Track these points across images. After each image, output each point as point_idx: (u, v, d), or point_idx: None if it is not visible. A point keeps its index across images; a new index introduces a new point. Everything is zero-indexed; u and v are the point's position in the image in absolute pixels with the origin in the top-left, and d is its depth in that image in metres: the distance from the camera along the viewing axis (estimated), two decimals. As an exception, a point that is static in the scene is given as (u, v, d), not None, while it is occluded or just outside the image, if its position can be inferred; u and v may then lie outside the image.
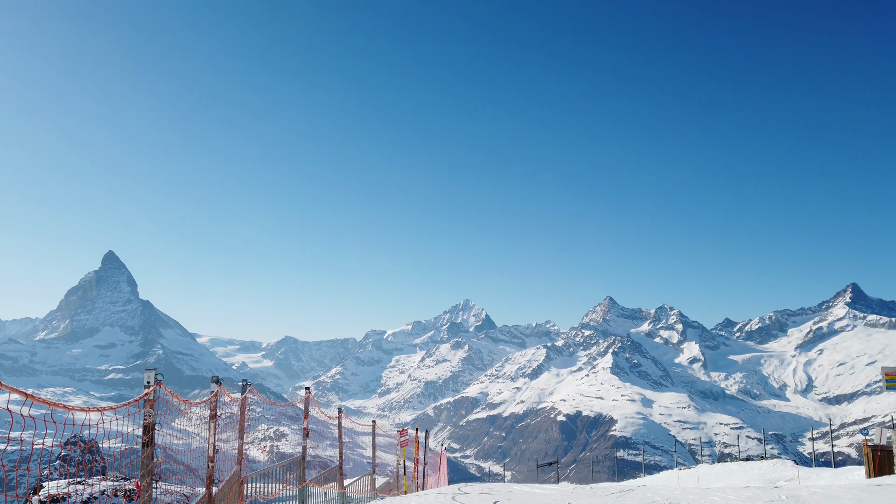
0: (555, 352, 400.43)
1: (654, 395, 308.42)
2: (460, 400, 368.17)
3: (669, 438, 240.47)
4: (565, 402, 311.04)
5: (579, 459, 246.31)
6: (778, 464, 45.76)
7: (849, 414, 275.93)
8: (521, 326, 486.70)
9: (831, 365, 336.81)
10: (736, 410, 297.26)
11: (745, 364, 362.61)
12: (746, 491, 13.80)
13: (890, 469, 30.20)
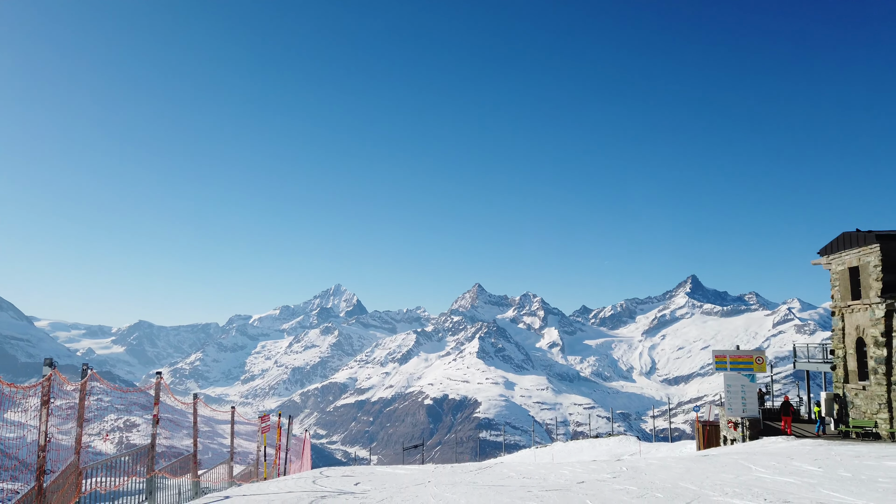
0: (424, 337, 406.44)
1: (516, 378, 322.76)
2: (328, 386, 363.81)
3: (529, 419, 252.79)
4: (433, 386, 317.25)
5: (445, 441, 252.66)
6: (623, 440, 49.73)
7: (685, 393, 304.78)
8: (393, 312, 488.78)
9: (672, 349, 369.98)
10: (589, 391, 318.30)
11: (599, 348, 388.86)
12: (593, 464, 14.87)
13: (717, 441, 33.80)
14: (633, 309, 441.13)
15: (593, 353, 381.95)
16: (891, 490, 10.10)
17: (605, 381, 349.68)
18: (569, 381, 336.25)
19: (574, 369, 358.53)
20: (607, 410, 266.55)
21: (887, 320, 24.69)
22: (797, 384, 43.86)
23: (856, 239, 26.46)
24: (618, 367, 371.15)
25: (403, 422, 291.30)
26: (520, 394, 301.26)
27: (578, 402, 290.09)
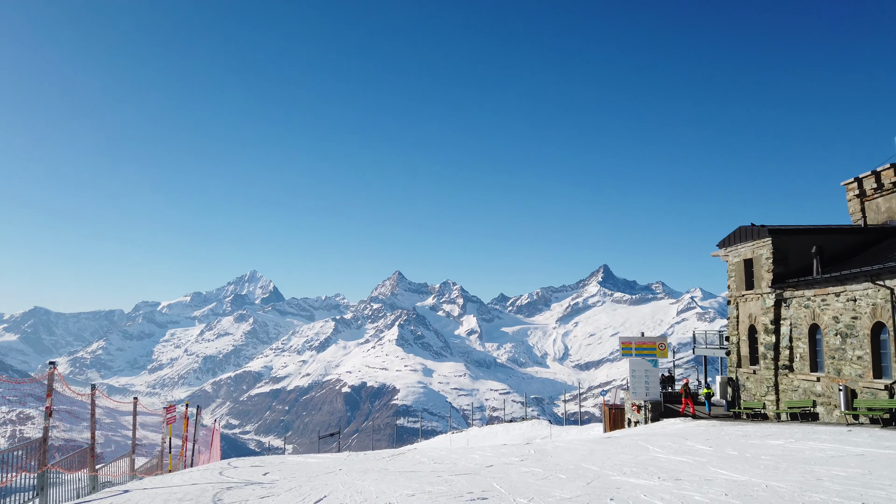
0: (343, 325, 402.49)
1: (434, 365, 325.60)
2: (242, 374, 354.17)
3: (446, 405, 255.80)
4: (351, 373, 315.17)
5: (362, 429, 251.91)
6: (536, 424, 51.25)
7: (596, 378, 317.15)
8: (311, 299, 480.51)
9: (584, 336, 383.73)
10: (505, 377, 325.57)
11: (515, 335, 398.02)
12: (503, 448, 15.28)
13: (622, 424, 35.44)
14: (548, 297, 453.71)
15: (510, 340, 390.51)
16: (770, 466, 10.95)
17: (520, 367, 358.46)
18: (486, 368, 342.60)
19: (491, 356, 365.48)
20: (522, 395, 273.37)
21: (776, 309, 26.60)
22: (697, 369, 46.52)
23: (750, 233, 28.29)
24: (533, 353, 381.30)
25: (320, 410, 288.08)
26: (438, 380, 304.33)
27: (495, 388, 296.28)
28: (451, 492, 8.76)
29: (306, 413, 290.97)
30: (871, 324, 20.89)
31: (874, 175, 27.97)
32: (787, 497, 8.33)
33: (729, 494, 8.50)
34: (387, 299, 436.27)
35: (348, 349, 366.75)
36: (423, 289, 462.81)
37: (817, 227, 27.16)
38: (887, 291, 19.94)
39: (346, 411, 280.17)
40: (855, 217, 29.68)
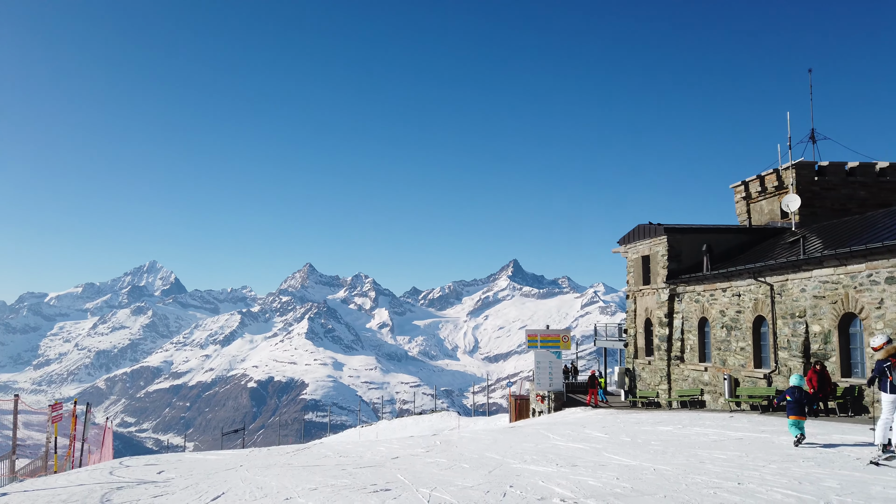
0: (250, 318, 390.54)
1: (345, 359, 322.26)
2: (140, 370, 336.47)
3: (356, 399, 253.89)
4: (258, 368, 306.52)
5: (268, 425, 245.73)
6: (445, 415, 51.79)
7: (504, 370, 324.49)
8: (216, 291, 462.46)
9: (494, 329, 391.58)
10: (416, 370, 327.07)
11: (427, 328, 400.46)
12: (410, 440, 15.39)
13: (527, 414, 36.48)
14: (460, 290, 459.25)
15: (422, 333, 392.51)
16: (660, 451, 11.63)
17: (431, 359, 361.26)
18: (397, 361, 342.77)
19: (403, 349, 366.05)
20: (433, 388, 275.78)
21: (670, 303, 28.20)
22: (598, 360, 48.53)
23: (648, 231, 29.81)
24: (444, 346, 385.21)
25: (224, 406, 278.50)
26: (348, 374, 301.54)
27: (405, 381, 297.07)
28: (355, 484, 8.74)
29: (209, 409, 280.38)
30: (753, 317, 22.55)
31: (759, 179, 30.14)
32: (672, 479, 8.88)
33: (620, 478, 8.96)
34: (296, 292, 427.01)
35: (255, 343, 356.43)
36: (335, 281, 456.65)
37: (708, 226, 28.97)
38: (768, 287, 21.57)
39: (252, 407, 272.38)
40: (741, 218, 31.88)
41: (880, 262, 16.76)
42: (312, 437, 74.84)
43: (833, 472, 9.15)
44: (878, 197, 27.83)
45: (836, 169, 27.83)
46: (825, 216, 26.81)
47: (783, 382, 20.58)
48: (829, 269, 18.69)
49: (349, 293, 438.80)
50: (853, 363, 18.24)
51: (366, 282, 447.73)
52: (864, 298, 17.31)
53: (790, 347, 20.26)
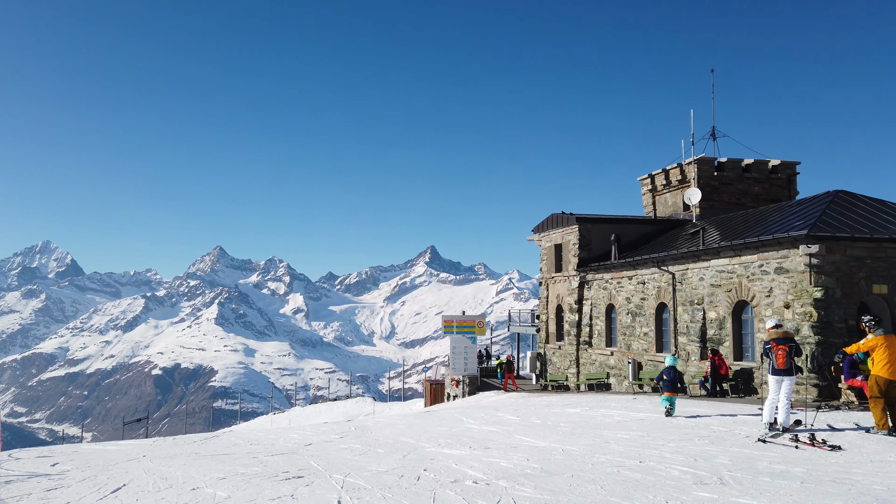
0: (155, 302, 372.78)
1: (257, 345, 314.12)
2: (31, 357, 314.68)
3: (269, 385, 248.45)
4: (163, 354, 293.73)
5: (175, 413, 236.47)
6: (360, 401, 51.55)
7: (420, 355, 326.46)
8: (117, 274, 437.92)
9: (410, 314, 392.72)
10: (331, 356, 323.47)
11: (343, 314, 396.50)
12: (324, 426, 15.23)
13: (442, 398, 36.90)
14: (377, 276, 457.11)
15: (337, 319, 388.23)
16: (568, 432, 12.07)
17: (347, 345, 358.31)
18: (312, 347, 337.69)
19: (318, 335, 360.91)
20: (348, 374, 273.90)
21: (580, 290, 29.22)
22: (511, 345, 49.69)
23: (561, 220, 30.70)
24: (360, 331, 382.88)
25: (126, 394, 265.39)
26: (260, 360, 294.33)
27: (320, 367, 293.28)
28: (266, 472, 8.56)
29: (109, 398, 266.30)
30: (656, 304, 23.74)
31: (664, 173, 31.63)
32: (578, 459, 9.25)
33: (530, 459, 9.24)
34: (206, 276, 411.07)
35: (160, 328, 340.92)
36: (247, 266, 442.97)
37: (617, 217, 30.16)
38: (670, 276, 22.75)
39: (157, 395, 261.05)
40: (648, 209, 33.39)
41: (770, 253, 18.02)
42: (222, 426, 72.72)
43: (725, 449, 9.81)
44: (770, 192, 29.87)
45: (734, 165, 29.61)
46: (723, 209, 28.51)
47: (682, 366, 21.82)
48: (726, 259, 19.92)
49: (262, 278, 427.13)
50: (745, 348, 19.58)
51: (280, 266, 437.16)
52: (755, 287, 18.57)
53: (689, 333, 21.49)
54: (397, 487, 7.46)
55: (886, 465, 8.44)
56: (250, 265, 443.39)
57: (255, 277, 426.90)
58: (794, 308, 16.99)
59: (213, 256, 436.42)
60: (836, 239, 16.61)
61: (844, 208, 18.93)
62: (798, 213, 19.81)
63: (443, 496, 6.99)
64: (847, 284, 16.69)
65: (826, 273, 16.53)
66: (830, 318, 16.33)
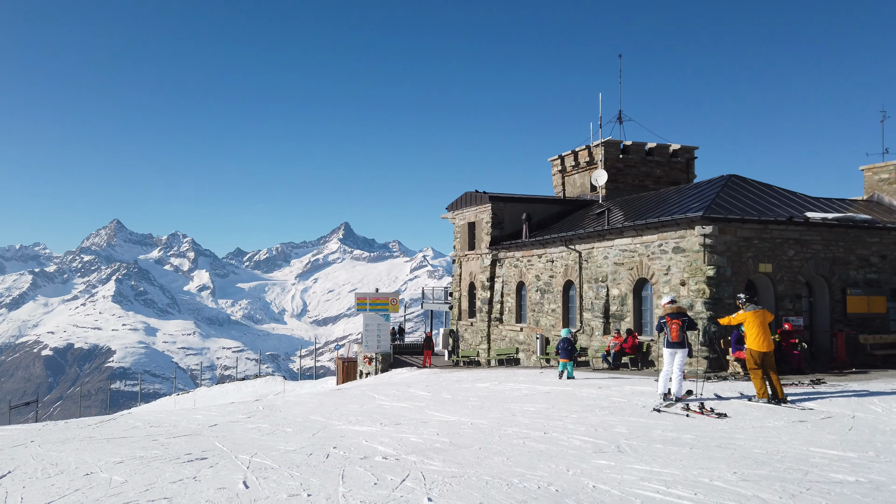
0: (44, 278, 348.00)
1: (159, 324, 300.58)
2: None
3: (172, 366, 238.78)
4: (54, 334, 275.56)
5: (67, 396, 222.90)
6: (270, 380, 50.47)
7: (333, 333, 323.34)
8: (2, 248, 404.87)
9: (323, 292, 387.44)
10: (239, 335, 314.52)
11: (252, 291, 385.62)
12: (230, 407, 14.82)
13: (354, 376, 36.76)
14: (288, 253, 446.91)
15: (246, 297, 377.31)
16: (477, 406, 12.34)
17: (256, 324, 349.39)
18: (218, 325, 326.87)
19: (225, 313, 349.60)
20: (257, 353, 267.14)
21: (492, 268, 29.76)
22: (425, 322, 50.08)
23: (474, 199, 31.04)
24: (270, 309, 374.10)
25: (13, 377, 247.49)
26: (163, 340, 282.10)
27: (227, 346, 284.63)
28: (167, 455, 8.23)
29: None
30: (564, 282, 24.55)
31: (573, 154, 32.55)
32: (486, 431, 9.48)
33: (440, 433, 9.38)
34: (102, 251, 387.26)
35: (51, 306, 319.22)
36: (148, 240, 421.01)
37: (528, 196, 30.82)
38: (577, 254, 23.55)
39: (48, 377, 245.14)
40: (557, 189, 34.32)
41: (669, 233, 19.01)
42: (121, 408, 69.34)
43: (623, 419, 10.35)
44: (671, 175, 31.42)
45: (638, 148, 30.89)
46: (627, 191, 29.74)
47: (586, 340, 22.76)
48: (628, 238, 20.83)
49: (164, 253, 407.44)
50: (644, 323, 20.65)
51: (184, 241, 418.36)
52: (654, 265, 19.57)
53: (593, 309, 22.40)
54: (305, 466, 7.38)
55: (765, 430, 9.18)
56: (151, 240, 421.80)
57: (157, 253, 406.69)
58: (689, 285, 18.04)
59: (109, 230, 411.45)
60: (728, 221, 17.72)
61: (736, 192, 20.21)
62: (695, 195, 20.96)
63: (352, 473, 6.98)
64: (737, 263, 17.88)
65: (718, 252, 17.63)
66: (721, 295, 17.47)
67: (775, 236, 18.35)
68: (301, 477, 6.83)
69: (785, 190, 21.43)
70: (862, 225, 19.05)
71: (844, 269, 19.12)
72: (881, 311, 19.41)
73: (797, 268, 18.58)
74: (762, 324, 11.36)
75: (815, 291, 19.26)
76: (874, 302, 19.29)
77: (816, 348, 18.82)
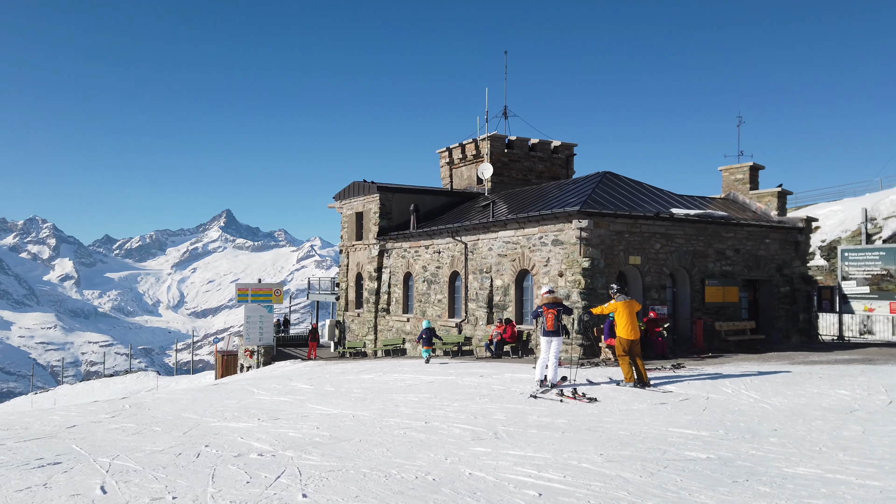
0: None
1: (14, 317, 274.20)
2: None
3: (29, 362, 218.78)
4: None
5: None
6: (142, 376, 47.51)
7: (213, 325, 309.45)
8: None
9: (203, 282, 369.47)
10: (108, 328, 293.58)
11: (123, 281, 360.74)
12: (92, 406, 13.75)
13: (234, 370, 35.37)
14: (164, 241, 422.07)
15: (116, 287, 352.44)
16: (360, 398, 12.25)
17: (127, 316, 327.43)
18: (84, 318, 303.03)
19: (91, 304, 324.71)
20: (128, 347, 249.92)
21: (380, 258, 29.63)
22: (311, 313, 49.11)
23: (362, 188, 30.72)
24: (143, 300, 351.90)
25: None
26: (18, 334, 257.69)
27: (94, 340, 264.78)
28: (14, 461, 7.49)
29: None
30: (450, 273, 24.90)
31: (461, 147, 33.03)
32: (368, 423, 9.43)
33: (320, 427, 9.21)
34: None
35: None
36: (2, 226, 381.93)
37: (417, 187, 30.95)
38: (463, 246, 23.95)
39: None
40: (446, 181, 34.71)
41: (549, 226, 19.77)
42: (-34, 411, 62.66)
43: (502, 406, 10.65)
44: (552, 171, 32.69)
45: (522, 144, 31.86)
46: (511, 185, 30.61)
47: (471, 330, 23.25)
48: (511, 231, 21.46)
49: (21, 240, 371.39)
50: (525, 312, 21.38)
51: (43, 227, 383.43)
52: (535, 257, 20.29)
53: (478, 299, 22.90)
54: (173, 466, 6.98)
55: (631, 413, 9.79)
56: (5, 225, 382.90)
57: (12, 239, 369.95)
58: (566, 276, 18.88)
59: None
60: (602, 215, 18.69)
61: (610, 188, 21.36)
62: (573, 190, 21.93)
63: (223, 472, 6.69)
64: (609, 255, 18.92)
65: (593, 245, 18.57)
66: (595, 286, 18.43)
67: (644, 230, 19.59)
68: (167, 479, 6.45)
69: (653, 187, 22.91)
70: (719, 221, 20.76)
71: (704, 262, 20.78)
72: (734, 300, 21.31)
73: (663, 260, 19.96)
74: (631, 313, 12.10)
75: (678, 282, 20.79)
76: (728, 292, 21.13)
77: (678, 335, 20.35)
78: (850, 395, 10.59)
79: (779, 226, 22.28)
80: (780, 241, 22.51)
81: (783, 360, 16.14)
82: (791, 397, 10.60)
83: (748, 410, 9.68)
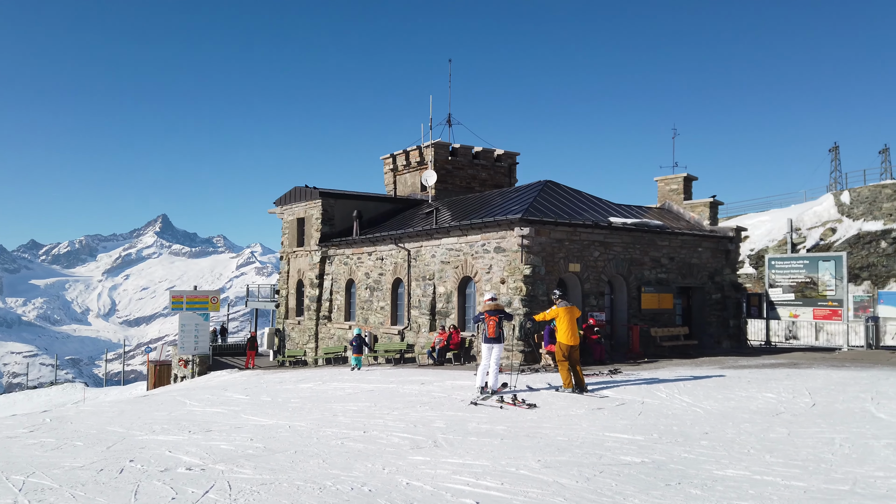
0: None
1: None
2: None
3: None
4: None
5: None
6: (68, 387, 45.25)
7: (146, 334, 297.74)
8: None
9: (136, 289, 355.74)
10: (32, 338, 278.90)
11: (49, 289, 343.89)
12: (9, 420, 12.96)
13: (167, 380, 34.08)
14: (94, 246, 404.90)
15: (42, 294, 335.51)
16: (297, 408, 11.94)
17: (54, 325, 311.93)
18: (6, 327, 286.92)
19: (15, 313, 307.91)
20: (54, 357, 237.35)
21: (322, 265, 29.17)
22: (250, 321, 47.90)
23: (304, 194, 30.22)
24: (71, 308, 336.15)
25: None
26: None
27: (17, 350, 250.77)
28: (-85, 483, 6.92)
29: None
30: (393, 279, 24.73)
31: (405, 154, 32.95)
32: (304, 434, 9.18)
33: (254, 439, 8.91)
34: None
35: None
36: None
37: (360, 194, 30.67)
38: (406, 253, 23.83)
39: None
40: (389, 188, 34.53)
41: (492, 234, 19.89)
42: None
43: (442, 413, 10.57)
44: (495, 179, 32.98)
45: (466, 151, 32.04)
46: (455, 192, 30.70)
47: (413, 337, 23.11)
48: (455, 238, 21.48)
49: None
50: (467, 319, 21.41)
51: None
52: (478, 264, 20.37)
53: (420, 306, 22.80)
54: (93, 483, 6.59)
55: (569, 418, 9.88)
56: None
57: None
58: (508, 283, 19.01)
59: None
60: (543, 223, 18.93)
61: (551, 196, 21.68)
62: (515, 198, 22.15)
63: (148, 488, 6.35)
64: (550, 263, 19.17)
65: (534, 253, 18.77)
66: (536, 292, 18.62)
67: (583, 238, 19.95)
68: (86, 496, 6.08)
69: (593, 196, 23.39)
70: (655, 230, 21.35)
71: (640, 269, 21.32)
72: (669, 307, 21.94)
73: (601, 267, 20.37)
74: (572, 319, 12.25)
75: (616, 289, 21.25)
76: (663, 299, 21.74)
77: (616, 341, 20.78)
78: (777, 399, 11.00)
79: (711, 235, 23.10)
80: (711, 250, 23.34)
81: (714, 365, 16.69)
82: (721, 401, 10.93)
83: (681, 414, 9.92)
